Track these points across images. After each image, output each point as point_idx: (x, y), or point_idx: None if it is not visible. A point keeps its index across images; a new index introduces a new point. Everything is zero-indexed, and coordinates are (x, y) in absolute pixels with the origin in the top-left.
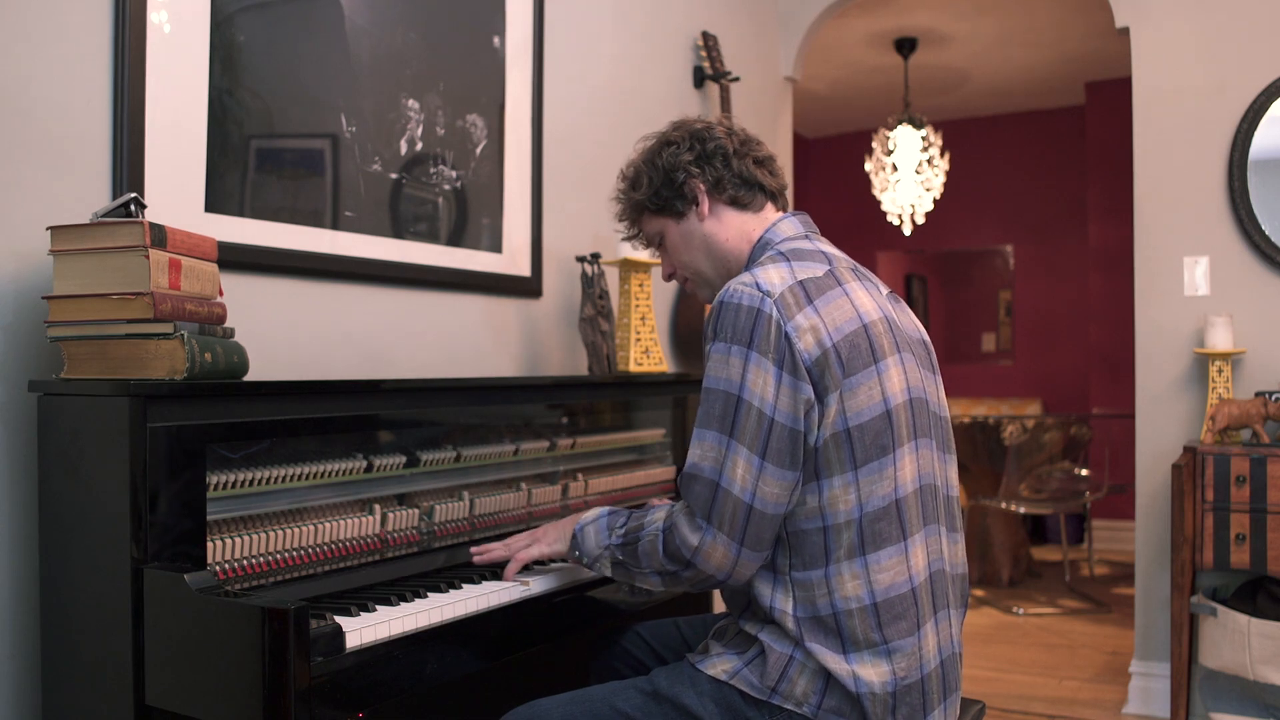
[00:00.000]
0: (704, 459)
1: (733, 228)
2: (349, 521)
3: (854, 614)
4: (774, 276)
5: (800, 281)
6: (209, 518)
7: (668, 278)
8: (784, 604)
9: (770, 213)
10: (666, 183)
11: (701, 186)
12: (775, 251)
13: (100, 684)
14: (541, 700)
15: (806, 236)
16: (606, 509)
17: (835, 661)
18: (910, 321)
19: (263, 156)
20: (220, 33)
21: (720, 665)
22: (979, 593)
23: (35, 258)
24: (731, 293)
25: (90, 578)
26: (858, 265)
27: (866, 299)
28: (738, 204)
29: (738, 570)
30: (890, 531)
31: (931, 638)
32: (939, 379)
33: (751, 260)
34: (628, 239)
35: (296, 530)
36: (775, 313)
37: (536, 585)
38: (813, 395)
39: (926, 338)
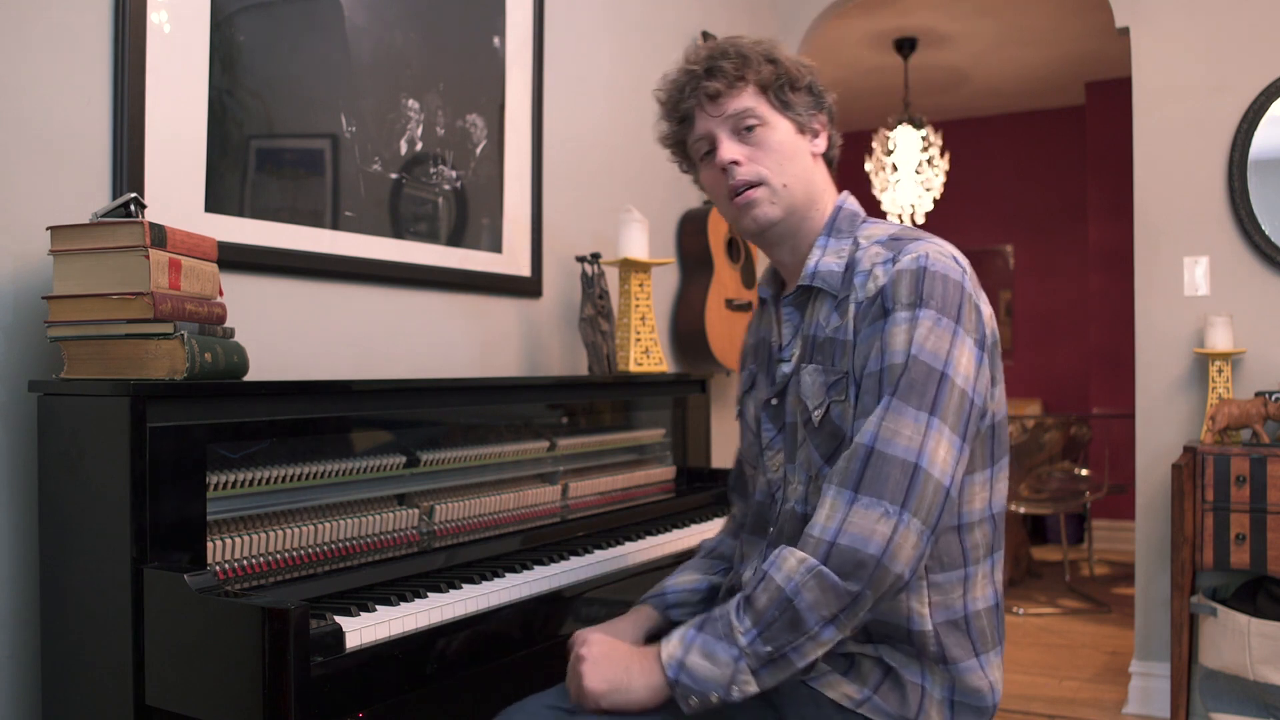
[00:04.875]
0: (895, 435)
1: (821, 179)
2: (349, 521)
3: (982, 614)
4: (953, 250)
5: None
6: (209, 518)
7: (731, 162)
8: (922, 612)
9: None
10: (808, 91)
11: (826, 133)
12: (884, 223)
13: (100, 684)
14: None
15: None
16: (689, 629)
17: (970, 667)
18: None
19: (263, 156)
20: (220, 33)
21: (841, 688)
22: None
23: (35, 258)
24: (933, 260)
25: (90, 578)
26: None
27: None
28: (830, 166)
29: (918, 568)
30: (1000, 534)
31: None
32: None
33: (834, 227)
34: (711, 97)
35: (296, 530)
36: (971, 288)
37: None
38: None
39: None
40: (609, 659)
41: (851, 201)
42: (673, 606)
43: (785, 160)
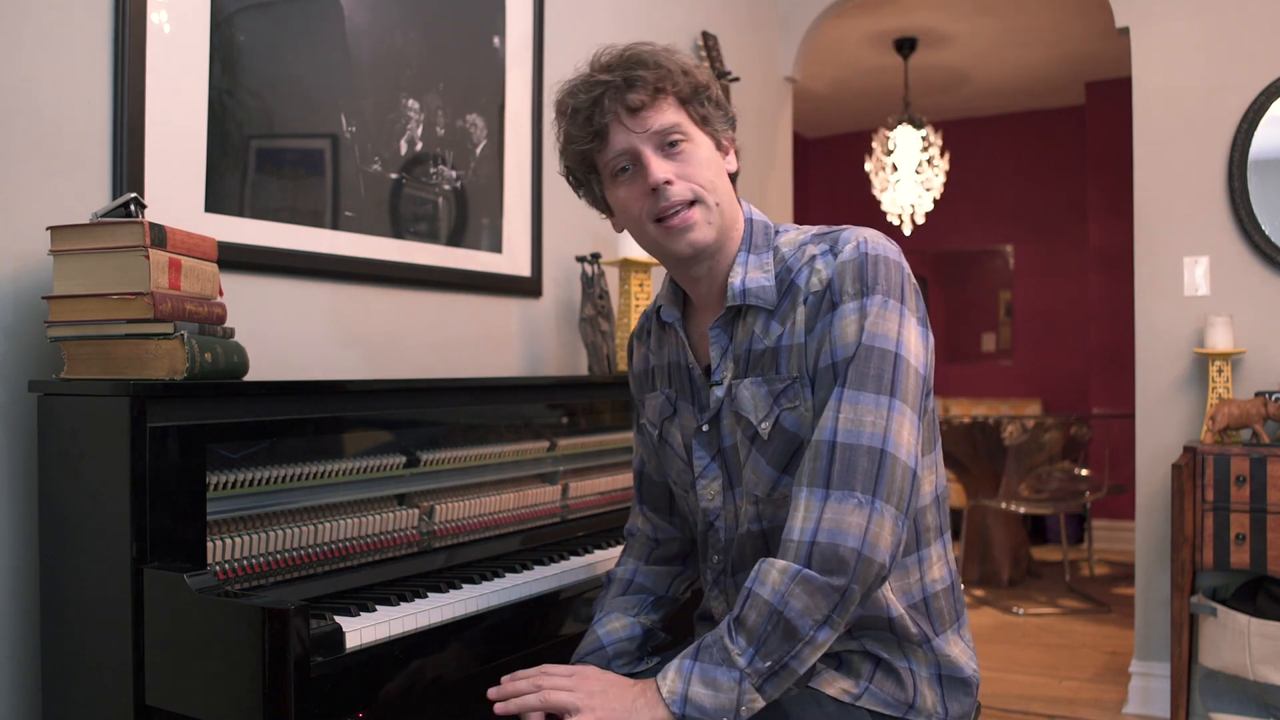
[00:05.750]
0: (859, 424)
1: (733, 197)
2: (349, 521)
3: (940, 595)
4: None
5: None
6: (209, 518)
7: (664, 182)
8: (896, 601)
9: None
10: (717, 105)
11: (733, 149)
12: (797, 228)
13: (100, 684)
14: None
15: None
16: (685, 659)
17: (937, 645)
18: None
19: (263, 156)
20: (220, 33)
21: (838, 684)
22: (979, 592)
23: (35, 258)
24: (872, 244)
25: (90, 578)
26: None
27: None
28: (733, 182)
29: (898, 554)
30: (946, 516)
31: None
32: None
33: (751, 243)
34: (632, 110)
35: (296, 530)
36: (908, 268)
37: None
38: None
39: None
40: (617, 689)
41: (756, 211)
42: (615, 659)
43: (715, 178)
